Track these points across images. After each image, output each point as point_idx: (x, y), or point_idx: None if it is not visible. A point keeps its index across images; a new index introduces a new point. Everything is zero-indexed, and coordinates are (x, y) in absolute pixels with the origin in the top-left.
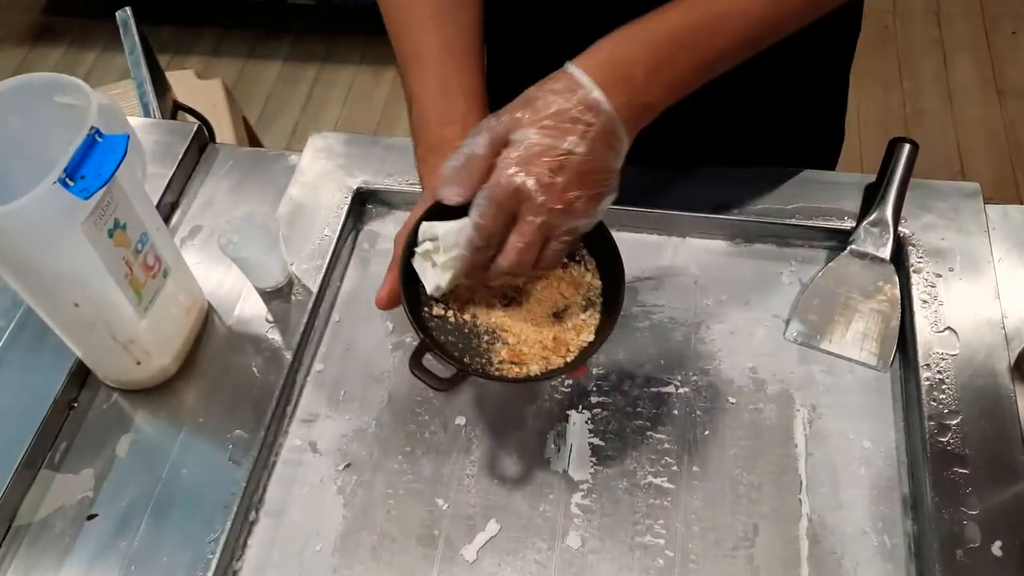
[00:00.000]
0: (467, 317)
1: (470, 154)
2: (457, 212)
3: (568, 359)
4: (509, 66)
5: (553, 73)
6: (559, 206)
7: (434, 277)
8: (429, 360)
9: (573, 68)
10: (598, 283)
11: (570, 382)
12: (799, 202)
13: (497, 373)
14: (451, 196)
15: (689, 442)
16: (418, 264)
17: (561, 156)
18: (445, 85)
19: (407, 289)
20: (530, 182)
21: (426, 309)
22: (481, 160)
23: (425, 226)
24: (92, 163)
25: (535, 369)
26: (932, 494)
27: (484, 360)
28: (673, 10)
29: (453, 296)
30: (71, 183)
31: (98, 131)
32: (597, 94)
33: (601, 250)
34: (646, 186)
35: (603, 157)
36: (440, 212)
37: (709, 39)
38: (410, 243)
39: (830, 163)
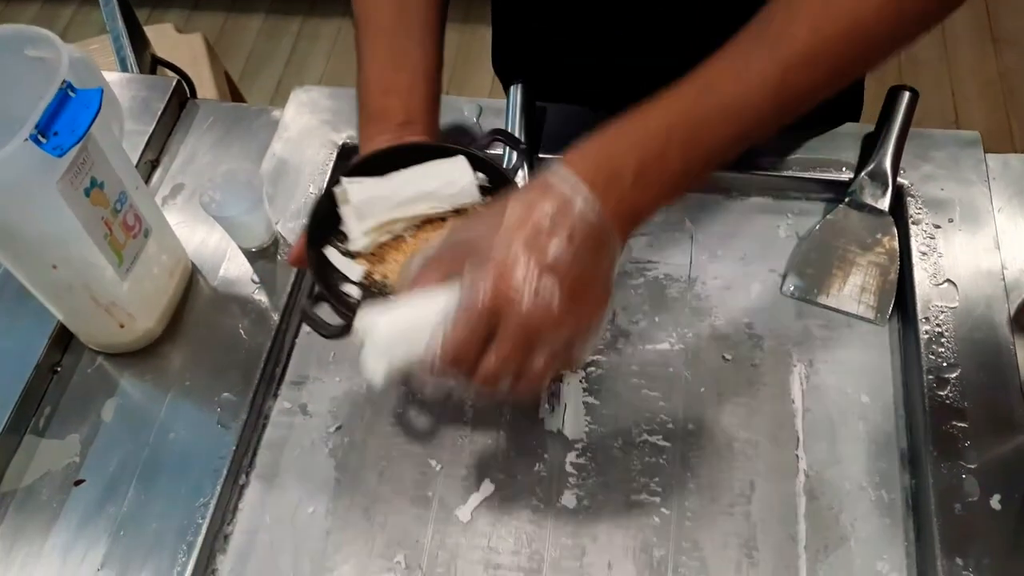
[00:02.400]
0: (377, 278)
1: (438, 255)
2: (379, 171)
3: None
4: (516, 30)
5: (538, 174)
6: (544, 318)
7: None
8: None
9: (559, 169)
10: None
11: None
12: (796, 154)
13: None
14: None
15: (685, 399)
16: (344, 212)
17: (547, 263)
18: (393, 55)
19: (313, 243)
20: (511, 293)
21: (338, 273)
22: (449, 261)
23: (344, 180)
24: (65, 119)
25: None
26: (930, 448)
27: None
28: (673, 99)
29: (371, 255)
30: (43, 140)
31: (70, 85)
32: (584, 194)
33: None
34: None
35: (593, 264)
36: (363, 168)
37: (706, 132)
38: (329, 194)
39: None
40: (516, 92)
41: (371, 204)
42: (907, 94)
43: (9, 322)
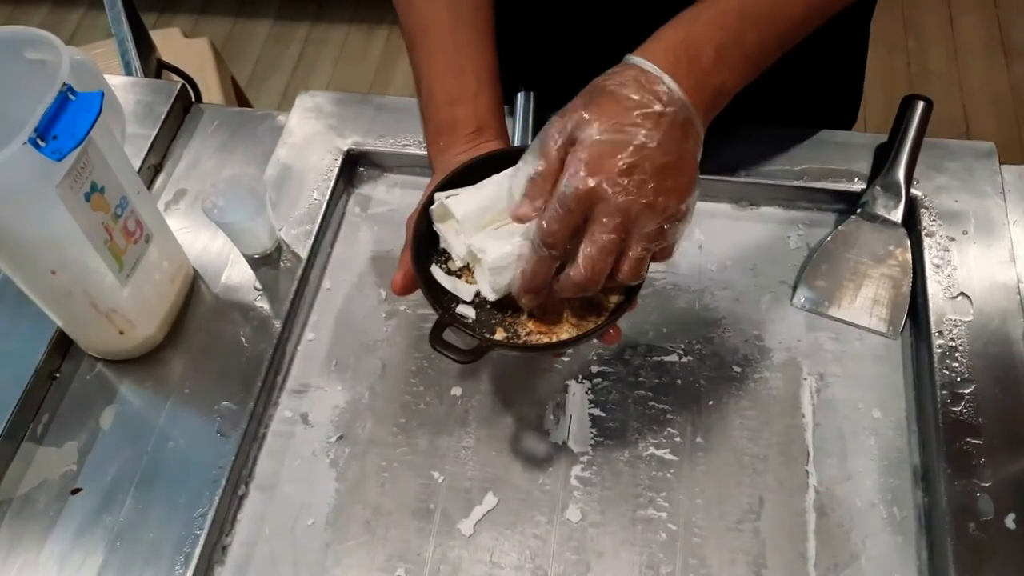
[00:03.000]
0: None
1: (537, 166)
2: (466, 181)
3: (598, 323)
4: (523, 28)
5: (616, 65)
6: (637, 203)
7: (478, 286)
8: (450, 335)
9: (636, 59)
10: None
11: (569, 352)
12: (807, 163)
13: (522, 343)
14: (526, 213)
15: (692, 412)
16: (442, 231)
17: (634, 151)
18: (455, 62)
19: (421, 266)
20: (603, 181)
21: (448, 293)
22: (551, 169)
23: (439, 196)
24: (65, 122)
25: (564, 337)
26: (944, 465)
27: (511, 334)
28: None
29: (472, 268)
30: (42, 143)
31: (70, 88)
32: (666, 81)
33: None
34: None
35: (679, 147)
36: (450, 183)
37: (778, 10)
38: (426, 215)
39: (847, 124)
40: (524, 100)
41: (475, 216)
42: (921, 104)
43: (8, 327)
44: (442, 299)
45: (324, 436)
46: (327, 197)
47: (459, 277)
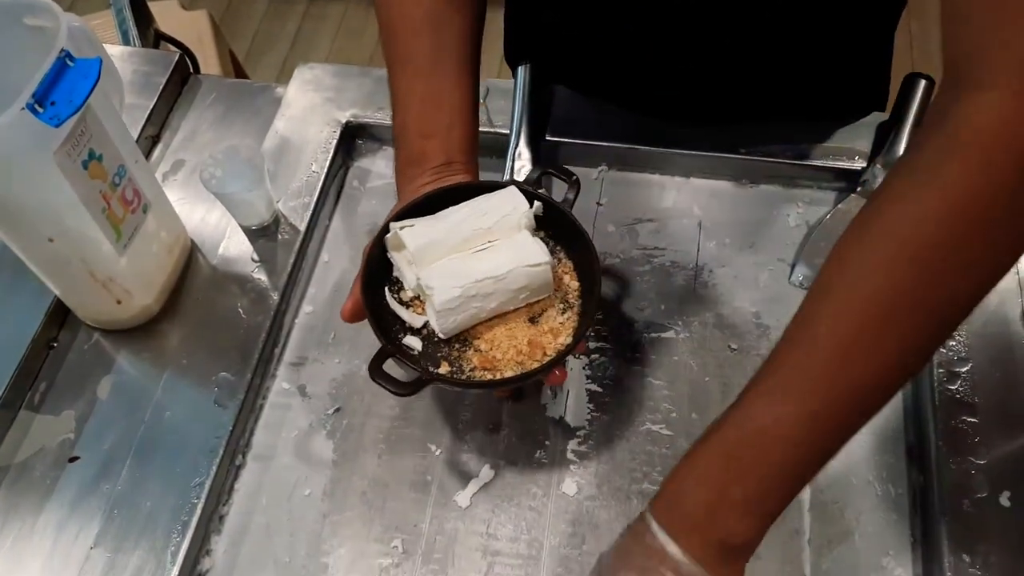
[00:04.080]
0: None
1: None
2: (427, 212)
3: (543, 363)
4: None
5: (633, 523)
6: None
7: (427, 319)
8: (391, 365)
9: (649, 519)
10: (576, 284)
11: (515, 388)
12: (808, 141)
13: (464, 379)
14: None
15: (689, 389)
16: (396, 259)
17: None
18: (432, 95)
19: (370, 294)
20: None
21: (397, 323)
22: None
23: (395, 226)
24: (63, 88)
25: (508, 374)
26: (939, 443)
27: (455, 368)
28: (718, 430)
29: (422, 299)
30: (40, 109)
31: (69, 54)
32: (672, 548)
33: (578, 251)
34: (647, 127)
35: None
36: (410, 213)
37: (761, 454)
38: (381, 242)
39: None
40: (524, 72)
41: (428, 249)
42: (923, 82)
43: (5, 296)
44: (390, 328)
45: (322, 408)
46: (325, 170)
47: (409, 307)
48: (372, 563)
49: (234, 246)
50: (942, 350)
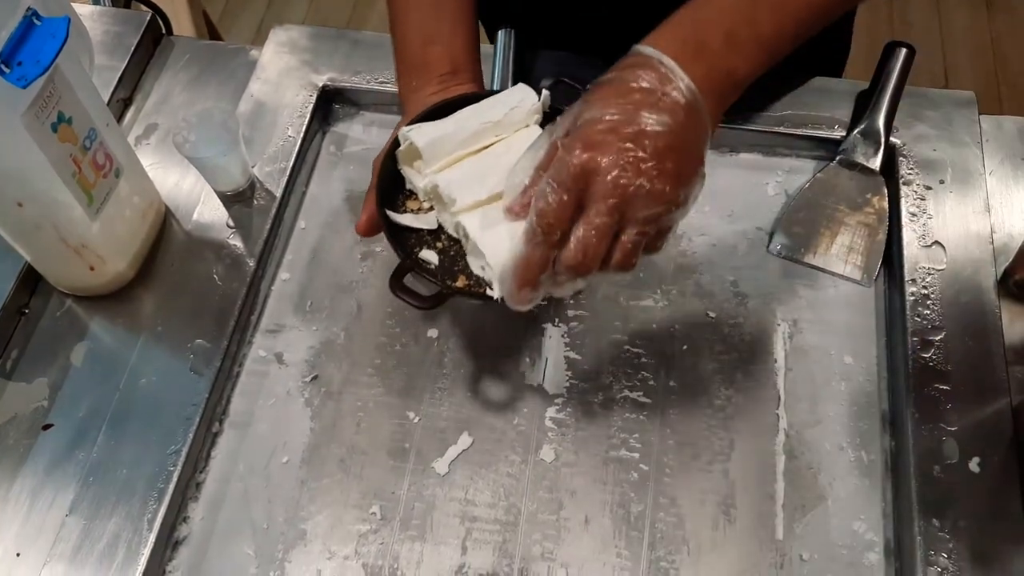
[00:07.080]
0: (452, 232)
1: (538, 149)
2: (437, 119)
3: None
4: None
5: (624, 57)
6: (634, 183)
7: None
8: (411, 280)
9: (642, 47)
10: None
11: (542, 303)
12: (787, 110)
13: (484, 291)
14: (518, 204)
15: (666, 356)
16: (408, 173)
17: (633, 130)
18: (431, 2)
19: (384, 208)
20: (598, 156)
21: (413, 237)
22: (548, 152)
23: (404, 131)
24: (30, 48)
25: None
26: (912, 410)
27: (472, 282)
28: None
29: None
30: (7, 70)
31: (35, 13)
32: (667, 64)
33: None
34: None
35: (681, 132)
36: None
37: None
38: (392, 156)
39: (835, 74)
40: (506, 37)
41: (437, 145)
42: (903, 51)
43: None
44: (406, 243)
45: (299, 375)
46: (301, 135)
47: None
48: (350, 529)
49: (209, 212)
50: (916, 318)
